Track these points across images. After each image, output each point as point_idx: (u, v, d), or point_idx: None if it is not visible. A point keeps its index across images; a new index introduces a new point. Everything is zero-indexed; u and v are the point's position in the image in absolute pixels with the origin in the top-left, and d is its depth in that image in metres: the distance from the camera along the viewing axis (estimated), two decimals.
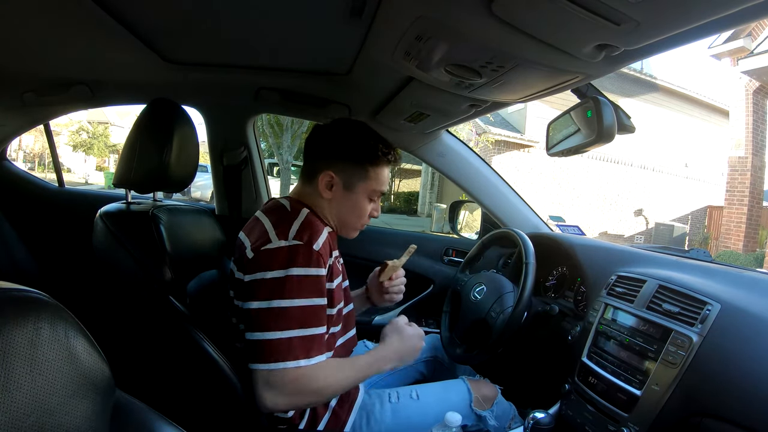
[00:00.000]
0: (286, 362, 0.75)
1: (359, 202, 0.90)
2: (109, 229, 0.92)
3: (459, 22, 0.61)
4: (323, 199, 0.90)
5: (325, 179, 0.88)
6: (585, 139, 0.82)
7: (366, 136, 0.90)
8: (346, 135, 0.90)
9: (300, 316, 0.77)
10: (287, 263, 0.77)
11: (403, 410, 0.91)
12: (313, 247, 0.79)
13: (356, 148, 0.88)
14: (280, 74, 1.19)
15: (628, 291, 0.85)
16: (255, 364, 0.76)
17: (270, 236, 0.80)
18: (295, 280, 0.77)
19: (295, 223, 0.81)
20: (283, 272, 0.77)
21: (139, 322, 0.96)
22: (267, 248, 0.79)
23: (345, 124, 0.92)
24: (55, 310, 0.34)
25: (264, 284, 0.77)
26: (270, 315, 0.76)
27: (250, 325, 0.78)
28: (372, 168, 0.89)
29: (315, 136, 0.93)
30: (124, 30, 0.90)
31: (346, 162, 0.88)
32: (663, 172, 10.06)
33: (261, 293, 0.77)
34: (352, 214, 0.91)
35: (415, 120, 1.24)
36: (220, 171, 1.51)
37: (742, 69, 6.18)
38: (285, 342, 0.75)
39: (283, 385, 0.75)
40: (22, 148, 15.13)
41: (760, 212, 6.40)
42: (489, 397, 0.99)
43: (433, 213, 9.91)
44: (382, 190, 0.92)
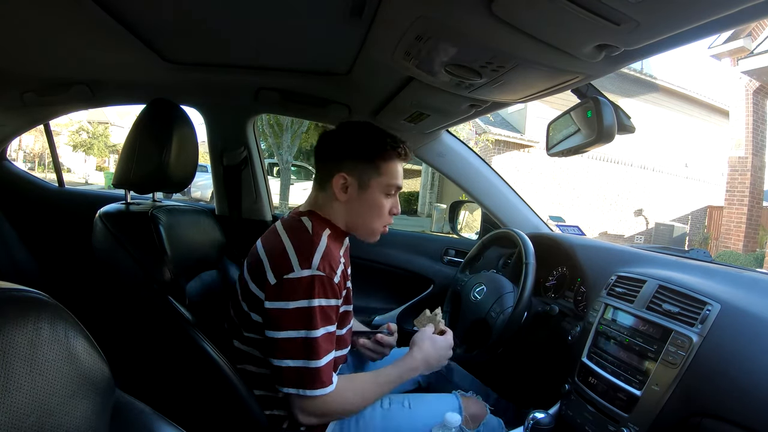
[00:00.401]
0: (313, 390, 0.78)
1: (376, 199, 0.89)
2: (109, 230, 0.92)
3: (459, 22, 0.61)
4: (339, 203, 0.89)
5: (339, 181, 0.87)
6: (585, 139, 0.82)
7: (373, 132, 0.90)
8: (353, 134, 0.90)
9: (324, 345, 0.79)
10: (310, 294, 0.78)
11: (393, 418, 0.91)
12: (333, 280, 0.80)
13: (364, 144, 0.88)
14: (280, 74, 1.19)
15: (628, 291, 0.85)
16: (286, 388, 0.80)
17: (292, 263, 0.79)
18: (318, 311, 0.78)
19: (317, 252, 0.80)
20: (307, 302, 0.78)
21: (138, 322, 0.96)
22: (290, 277, 0.78)
23: (351, 125, 0.92)
24: (55, 310, 0.34)
25: (288, 314, 0.78)
26: (296, 344, 0.78)
27: (275, 352, 0.80)
28: (383, 163, 0.88)
29: (323, 141, 0.92)
30: (124, 30, 0.90)
31: (357, 160, 0.88)
32: (663, 172, 10.06)
33: (286, 323, 0.78)
34: (371, 213, 0.90)
35: (415, 120, 1.24)
36: (220, 171, 1.51)
37: (742, 69, 6.18)
38: (312, 371, 0.78)
39: (314, 409, 0.80)
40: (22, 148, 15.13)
41: (760, 212, 6.40)
42: (477, 417, 0.97)
43: (433, 213, 9.91)
44: (397, 185, 0.91)
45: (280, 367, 0.79)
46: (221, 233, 1.20)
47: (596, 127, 0.77)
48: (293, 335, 0.78)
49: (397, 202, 0.94)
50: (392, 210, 0.93)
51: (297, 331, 0.78)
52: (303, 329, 0.78)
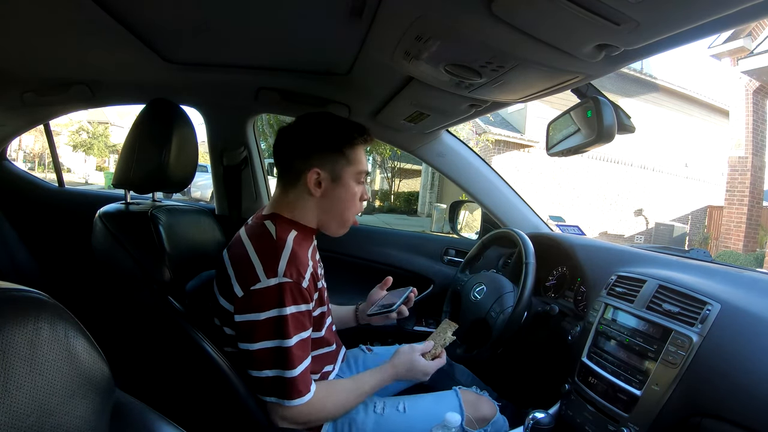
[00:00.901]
0: (291, 400, 0.78)
1: (350, 189, 0.88)
2: (109, 230, 0.92)
3: (459, 22, 0.61)
4: (312, 199, 0.86)
5: (313, 177, 0.84)
6: (585, 139, 0.82)
7: (334, 122, 0.89)
8: (316, 127, 0.88)
9: (298, 353, 0.78)
10: (279, 302, 0.76)
11: (387, 423, 0.87)
12: (302, 285, 0.78)
13: (330, 136, 0.86)
14: (280, 74, 1.19)
15: (628, 291, 0.85)
16: (266, 397, 0.80)
17: (258, 272, 0.77)
18: (290, 319, 0.77)
19: (282, 258, 0.78)
20: (277, 312, 0.76)
21: (138, 322, 0.96)
22: (256, 288, 0.77)
23: (309, 117, 0.90)
24: (55, 310, 0.34)
25: (258, 325, 0.77)
26: (270, 354, 0.77)
27: (251, 363, 0.79)
28: (350, 151, 0.87)
29: (283, 137, 0.89)
30: (124, 30, 0.90)
31: (325, 152, 0.85)
32: (663, 172, 10.06)
33: (258, 335, 0.77)
34: (346, 204, 0.89)
35: (415, 120, 1.24)
36: (220, 171, 1.51)
37: (742, 69, 6.18)
38: (288, 381, 0.77)
39: (293, 418, 0.81)
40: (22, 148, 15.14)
41: (760, 212, 6.40)
42: (486, 417, 0.93)
43: (433, 213, 9.91)
44: (365, 170, 0.90)
45: (257, 378, 0.79)
46: (221, 233, 1.20)
47: (596, 127, 0.77)
48: (267, 345, 0.77)
49: (365, 189, 0.93)
50: (362, 196, 0.91)
51: (271, 341, 0.77)
52: (276, 339, 0.77)
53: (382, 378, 0.90)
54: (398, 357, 0.93)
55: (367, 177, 0.93)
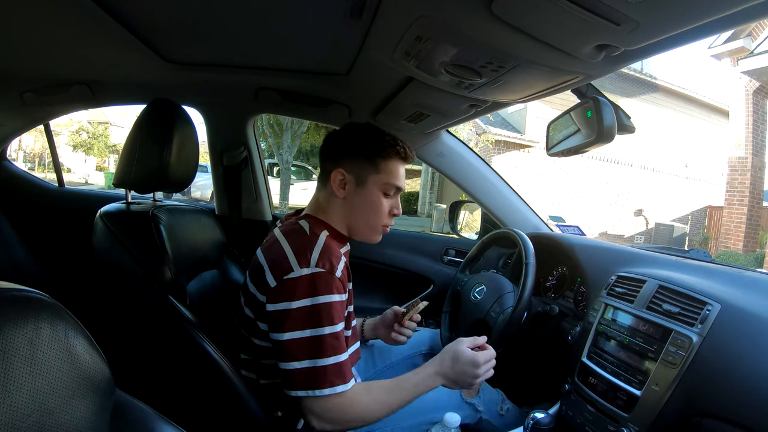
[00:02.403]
0: (322, 389, 0.75)
1: (373, 196, 0.88)
2: (109, 229, 0.92)
3: (459, 22, 0.61)
4: (338, 200, 0.89)
5: (338, 177, 0.87)
6: (585, 139, 0.82)
7: (374, 131, 0.90)
8: (355, 133, 0.90)
9: (332, 344, 0.77)
10: (312, 291, 0.77)
11: None
12: (335, 275, 0.79)
13: (364, 142, 0.88)
14: (280, 74, 1.19)
15: (628, 291, 0.85)
16: (295, 392, 0.77)
17: (291, 264, 0.78)
18: (323, 309, 0.77)
19: (315, 249, 0.80)
20: (310, 301, 0.76)
21: (139, 322, 0.96)
22: (290, 277, 0.77)
23: (355, 125, 0.92)
24: (55, 310, 0.34)
25: (291, 315, 0.77)
26: (303, 344, 0.76)
27: (283, 355, 0.78)
28: (382, 161, 0.87)
29: (326, 141, 0.93)
30: (124, 30, 0.90)
31: (356, 157, 0.88)
32: (663, 172, 10.06)
33: (290, 324, 0.77)
34: (369, 211, 0.89)
35: (415, 120, 1.24)
36: (220, 171, 1.51)
37: (742, 69, 6.18)
38: (320, 370, 0.76)
39: (326, 410, 0.77)
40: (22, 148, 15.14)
41: (760, 212, 6.40)
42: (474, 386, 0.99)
43: (433, 213, 9.91)
44: (396, 185, 0.89)
45: (288, 371, 0.77)
46: (221, 233, 1.20)
47: (596, 127, 0.77)
48: (298, 336, 0.76)
49: (397, 203, 0.92)
50: (392, 210, 0.91)
51: (302, 331, 0.76)
52: (308, 329, 0.76)
53: (425, 375, 0.83)
54: (443, 351, 0.87)
55: (397, 191, 0.91)
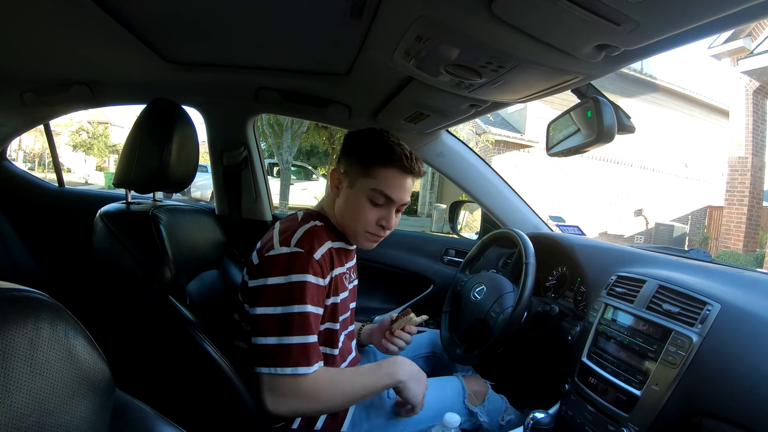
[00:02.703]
0: (284, 368, 0.76)
1: (359, 201, 0.86)
2: (109, 229, 0.92)
3: (459, 22, 0.61)
4: (333, 198, 0.91)
5: (335, 176, 0.90)
6: (585, 139, 0.82)
7: (381, 138, 0.87)
8: (363, 136, 0.89)
9: (300, 323, 0.77)
10: (288, 269, 0.78)
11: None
12: (313, 256, 0.79)
13: (365, 146, 0.87)
14: (280, 74, 1.19)
15: (628, 291, 0.85)
16: (258, 368, 0.79)
17: (274, 243, 0.82)
18: (295, 287, 0.77)
19: (298, 232, 0.82)
20: (284, 278, 0.78)
21: (139, 322, 0.96)
22: (269, 255, 0.81)
23: (369, 129, 0.91)
24: (55, 310, 0.34)
25: (266, 290, 0.79)
26: (272, 321, 0.78)
27: (254, 330, 0.80)
28: (375, 167, 0.84)
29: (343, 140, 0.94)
30: (124, 30, 0.90)
31: (353, 158, 0.87)
32: (663, 172, 10.07)
33: (264, 299, 0.79)
34: (352, 214, 0.87)
35: (415, 120, 1.24)
36: (220, 171, 1.51)
37: (742, 69, 6.19)
38: (285, 348, 0.76)
39: (283, 390, 0.77)
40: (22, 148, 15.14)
41: (760, 212, 6.40)
42: (480, 393, 1.01)
43: (433, 213, 9.91)
44: (384, 192, 0.85)
45: (257, 346, 0.78)
46: (222, 233, 1.20)
47: (596, 127, 0.77)
48: (269, 311, 0.78)
49: (388, 216, 0.87)
50: (380, 221, 0.87)
51: (273, 308, 0.78)
52: (279, 305, 0.77)
53: (379, 369, 0.85)
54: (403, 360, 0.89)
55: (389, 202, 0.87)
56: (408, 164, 0.85)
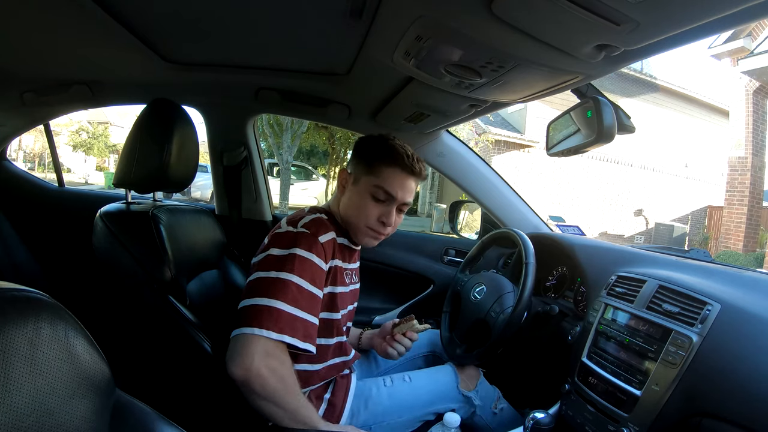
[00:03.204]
0: (254, 327, 0.71)
1: (362, 197, 0.90)
2: (109, 229, 0.92)
3: (459, 22, 0.61)
4: (340, 196, 0.95)
5: (342, 176, 0.95)
6: (585, 139, 0.82)
7: (386, 140, 0.92)
8: (372, 140, 0.94)
9: (295, 293, 0.76)
10: (292, 244, 0.81)
11: (397, 392, 0.96)
12: (318, 238, 0.83)
13: (373, 147, 0.92)
14: (280, 74, 1.19)
15: (628, 291, 0.85)
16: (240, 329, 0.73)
17: (282, 225, 0.88)
18: (297, 258, 0.79)
19: (306, 217, 0.88)
20: (287, 251, 0.80)
21: (139, 322, 0.96)
22: (277, 232, 0.86)
23: (379, 135, 0.95)
24: (55, 310, 0.34)
25: (267, 259, 0.81)
26: (265, 282, 0.77)
27: (245, 294, 0.78)
28: (379, 165, 0.89)
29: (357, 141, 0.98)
30: (124, 30, 0.90)
31: (361, 158, 0.93)
32: (663, 172, 10.07)
33: (262, 267, 0.80)
34: (354, 208, 0.91)
35: (415, 120, 1.24)
36: (220, 171, 1.51)
37: (742, 69, 6.19)
38: (270, 309, 0.73)
39: (238, 345, 0.71)
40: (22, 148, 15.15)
41: (760, 212, 6.40)
42: (473, 377, 1.04)
43: (433, 213, 9.91)
44: (386, 189, 0.88)
45: (241, 309, 0.75)
46: (222, 233, 1.20)
47: (596, 127, 0.77)
48: (263, 275, 0.78)
49: (388, 213, 0.90)
50: (381, 218, 0.90)
51: (268, 272, 0.78)
52: (275, 270, 0.77)
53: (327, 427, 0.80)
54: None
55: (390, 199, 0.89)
56: (409, 163, 0.89)
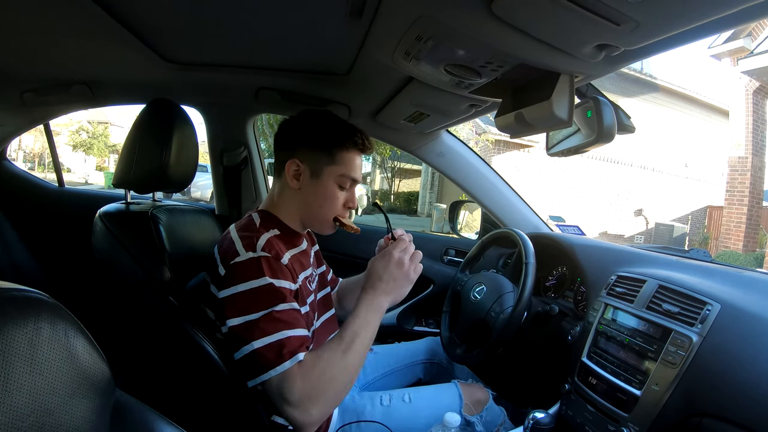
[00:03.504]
0: (283, 364, 0.69)
1: (328, 188, 0.86)
2: (109, 229, 0.92)
3: (459, 22, 0.61)
4: (291, 191, 0.87)
5: (292, 168, 0.86)
6: (585, 139, 0.82)
7: (332, 121, 0.88)
8: (311, 122, 0.89)
9: (287, 319, 0.73)
10: (259, 273, 0.74)
11: (394, 413, 0.91)
12: (281, 261, 0.77)
13: (321, 132, 0.86)
14: (280, 74, 1.19)
15: (628, 291, 0.85)
16: (256, 379, 0.71)
17: (238, 250, 0.77)
18: (274, 288, 0.74)
19: (261, 239, 0.79)
20: (258, 282, 0.74)
21: (138, 322, 0.96)
22: (236, 261, 0.76)
23: (311, 113, 0.91)
24: (55, 310, 0.34)
25: (241, 297, 0.73)
26: (255, 326, 0.72)
27: (238, 342, 0.73)
28: (339, 152, 0.85)
29: (281, 129, 0.91)
30: (124, 30, 0.90)
31: (312, 147, 0.86)
32: (663, 172, 10.07)
33: (239, 308, 0.73)
34: (323, 203, 0.87)
35: (415, 120, 1.24)
36: (220, 171, 1.51)
37: (742, 69, 6.19)
38: (276, 345, 0.71)
39: (283, 394, 0.69)
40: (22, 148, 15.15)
41: (760, 212, 6.41)
42: (481, 401, 0.99)
43: (433, 213, 9.91)
44: (352, 176, 0.87)
45: (244, 356, 0.71)
46: (221, 233, 1.19)
47: (596, 127, 0.77)
48: (246, 318, 0.72)
49: (353, 196, 0.90)
50: (347, 203, 0.89)
51: (250, 315, 0.72)
52: (255, 312, 0.72)
53: (365, 306, 0.79)
54: (367, 274, 0.84)
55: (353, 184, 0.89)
56: (363, 143, 0.87)
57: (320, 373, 0.71)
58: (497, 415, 1.00)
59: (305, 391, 0.70)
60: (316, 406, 0.70)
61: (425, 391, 0.99)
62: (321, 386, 0.71)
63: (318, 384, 0.71)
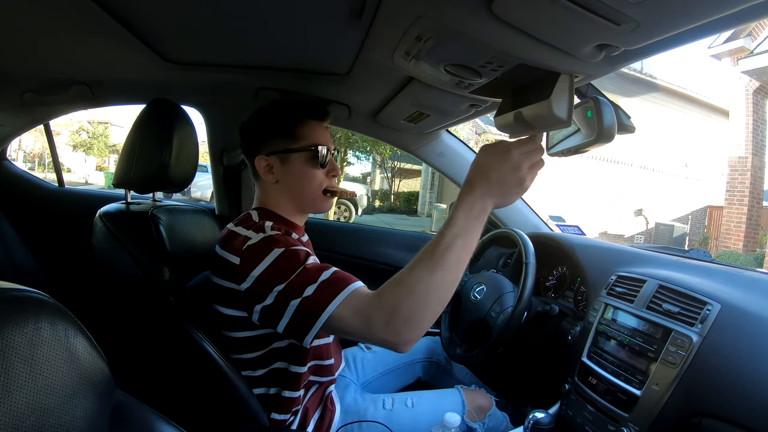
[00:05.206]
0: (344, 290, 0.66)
1: (301, 168, 0.85)
2: (109, 230, 0.92)
3: (459, 22, 0.61)
4: (272, 185, 0.88)
5: (262, 164, 0.86)
6: (585, 139, 0.82)
7: (279, 105, 0.88)
8: (261, 115, 0.89)
9: (322, 267, 0.71)
10: (277, 245, 0.72)
11: (396, 417, 0.90)
12: (290, 236, 0.79)
13: (272, 119, 0.87)
14: (280, 74, 1.19)
15: (628, 291, 0.85)
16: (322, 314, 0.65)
17: (247, 234, 0.76)
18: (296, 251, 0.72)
19: (267, 223, 0.79)
20: (278, 251, 0.71)
21: (139, 322, 0.96)
22: (250, 244, 0.73)
23: (258, 109, 0.91)
24: (55, 310, 0.34)
25: (268, 272, 0.70)
26: (294, 284, 0.68)
27: (280, 309, 0.68)
28: (295, 129, 0.85)
29: (241, 133, 0.93)
30: (124, 30, 0.90)
31: (270, 137, 0.86)
32: (663, 172, 10.07)
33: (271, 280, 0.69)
34: (304, 182, 0.86)
35: (415, 120, 1.24)
36: (220, 171, 1.51)
37: (742, 69, 6.19)
38: (326, 283, 0.67)
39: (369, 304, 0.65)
40: (22, 148, 15.16)
41: (760, 212, 6.41)
42: (484, 408, 0.99)
43: (433, 213, 9.92)
44: (318, 144, 0.85)
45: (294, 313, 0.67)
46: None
47: (596, 127, 0.77)
48: (284, 285, 0.68)
49: (332, 163, 0.89)
50: (329, 172, 0.88)
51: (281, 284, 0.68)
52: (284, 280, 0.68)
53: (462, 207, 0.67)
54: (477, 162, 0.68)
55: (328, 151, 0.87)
56: (313, 109, 0.87)
57: (407, 291, 0.64)
58: (500, 421, 1.00)
59: (386, 309, 0.64)
60: (404, 328, 0.63)
61: (428, 396, 0.99)
62: (409, 305, 0.64)
63: (406, 303, 0.64)
